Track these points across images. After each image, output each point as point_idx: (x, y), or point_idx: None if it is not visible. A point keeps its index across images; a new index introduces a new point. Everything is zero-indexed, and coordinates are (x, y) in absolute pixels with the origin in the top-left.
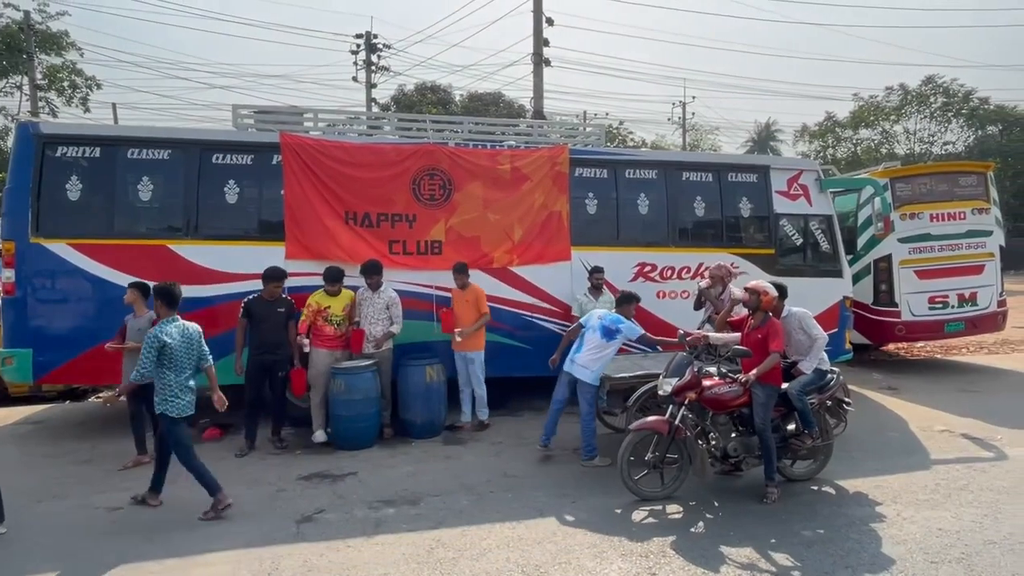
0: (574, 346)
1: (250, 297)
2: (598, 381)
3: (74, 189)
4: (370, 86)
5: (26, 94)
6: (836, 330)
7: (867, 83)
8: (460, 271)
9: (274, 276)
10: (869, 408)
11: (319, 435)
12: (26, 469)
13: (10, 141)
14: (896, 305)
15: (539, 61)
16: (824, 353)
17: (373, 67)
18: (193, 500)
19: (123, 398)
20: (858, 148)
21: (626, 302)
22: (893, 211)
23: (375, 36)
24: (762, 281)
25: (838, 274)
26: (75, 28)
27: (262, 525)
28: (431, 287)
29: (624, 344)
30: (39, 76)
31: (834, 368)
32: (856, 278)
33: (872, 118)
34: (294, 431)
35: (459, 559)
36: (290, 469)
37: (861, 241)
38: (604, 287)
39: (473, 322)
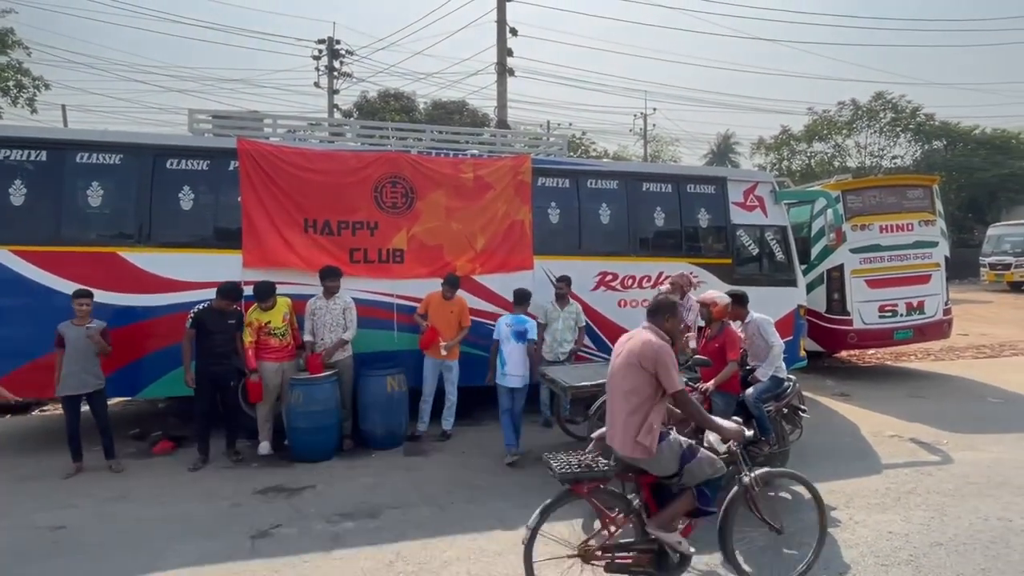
0: (500, 361)
1: (200, 307)
2: (521, 384)
3: (18, 193)
4: (332, 92)
5: None
6: (791, 338)
7: (821, 98)
8: (450, 283)
9: (228, 294)
10: (823, 414)
11: (264, 447)
12: None
13: None
14: (848, 313)
15: (503, 71)
16: (781, 361)
17: (336, 73)
18: (146, 515)
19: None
20: (812, 161)
21: (522, 301)
22: (845, 222)
23: (338, 42)
24: (712, 292)
25: (793, 283)
26: (23, 27)
27: (216, 541)
28: (392, 296)
29: (586, 352)
30: None
31: (790, 376)
32: (810, 287)
33: (825, 132)
34: (250, 443)
35: (419, 572)
36: (246, 483)
37: (815, 251)
38: (569, 297)
39: (455, 334)
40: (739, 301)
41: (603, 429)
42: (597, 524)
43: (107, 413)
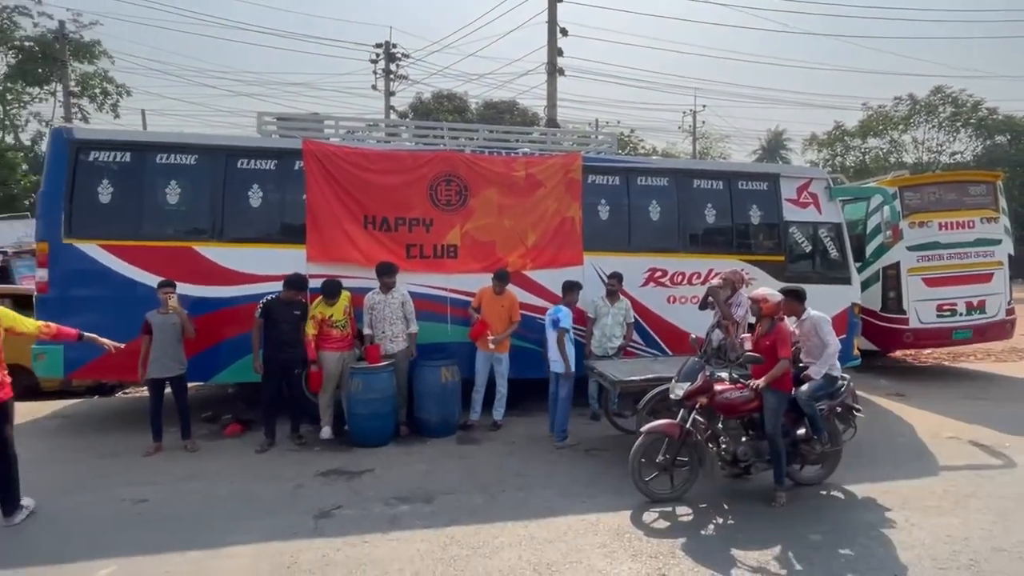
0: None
1: (268, 298)
2: (561, 368)
3: (105, 192)
4: (388, 94)
5: (60, 101)
6: (845, 336)
7: (876, 93)
8: (500, 278)
9: (295, 285)
10: (877, 414)
11: (325, 431)
12: (55, 462)
13: (43, 145)
14: (904, 312)
15: (553, 70)
16: (836, 359)
17: (392, 76)
18: (218, 492)
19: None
20: (866, 157)
21: (567, 291)
22: (902, 219)
23: (394, 45)
24: (763, 289)
25: (847, 281)
26: (107, 37)
27: (281, 519)
28: (446, 290)
29: (635, 348)
30: (72, 83)
31: (844, 374)
32: (864, 285)
33: (881, 127)
34: (312, 428)
35: (472, 556)
36: (309, 465)
37: (870, 249)
38: (619, 293)
39: (505, 327)
40: (796, 297)
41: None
42: None
43: (187, 397)
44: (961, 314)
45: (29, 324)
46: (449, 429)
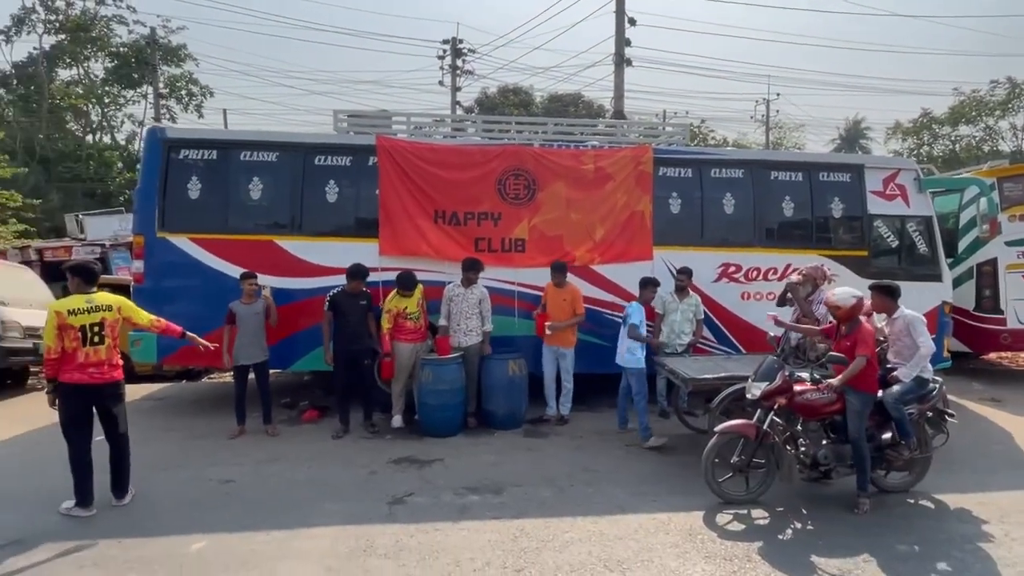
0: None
1: (334, 291)
2: (640, 364)
3: (194, 188)
4: (455, 89)
5: (151, 102)
6: (934, 337)
7: (969, 76)
8: (558, 269)
9: (357, 274)
10: (970, 420)
11: (397, 420)
12: (148, 441)
13: (136, 144)
14: (1001, 312)
15: (620, 61)
16: (927, 362)
17: (458, 71)
18: (297, 476)
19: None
20: (957, 146)
21: (642, 287)
22: (1000, 212)
23: (461, 41)
24: (837, 292)
25: (937, 278)
26: (191, 40)
27: (357, 504)
28: (514, 283)
29: (707, 345)
30: (161, 85)
31: (936, 377)
32: (956, 282)
33: (974, 114)
34: (384, 416)
35: (542, 549)
36: (381, 453)
37: (963, 244)
38: (689, 289)
39: (567, 319)
40: (888, 293)
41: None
42: None
43: (269, 383)
44: None
45: (143, 316)
46: (516, 422)
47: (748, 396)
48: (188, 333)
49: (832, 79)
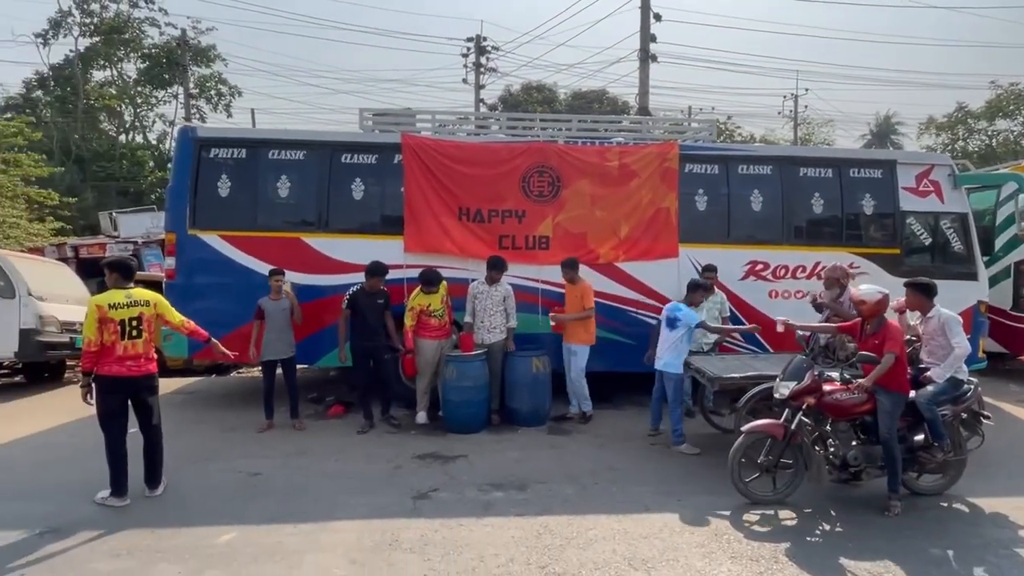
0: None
1: (352, 289)
2: (680, 369)
3: (224, 187)
4: (478, 87)
5: (181, 102)
6: (969, 336)
7: (1007, 69)
8: (568, 266)
9: (377, 272)
10: (1006, 422)
11: (421, 416)
12: (180, 434)
13: (167, 144)
14: None
15: (645, 57)
16: (962, 363)
17: (482, 69)
18: (323, 469)
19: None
20: (993, 141)
21: (691, 290)
22: None
23: (485, 39)
24: (862, 288)
25: (972, 277)
26: (220, 41)
27: (382, 498)
28: (538, 281)
29: (733, 344)
30: (191, 86)
31: (972, 378)
32: (992, 281)
33: (1012, 107)
34: (407, 412)
35: (566, 547)
36: (405, 448)
37: (1000, 241)
38: (714, 286)
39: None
40: (924, 291)
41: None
42: None
43: (296, 378)
44: None
45: (176, 316)
46: (539, 419)
47: (776, 395)
48: (213, 340)
49: (862, 73)
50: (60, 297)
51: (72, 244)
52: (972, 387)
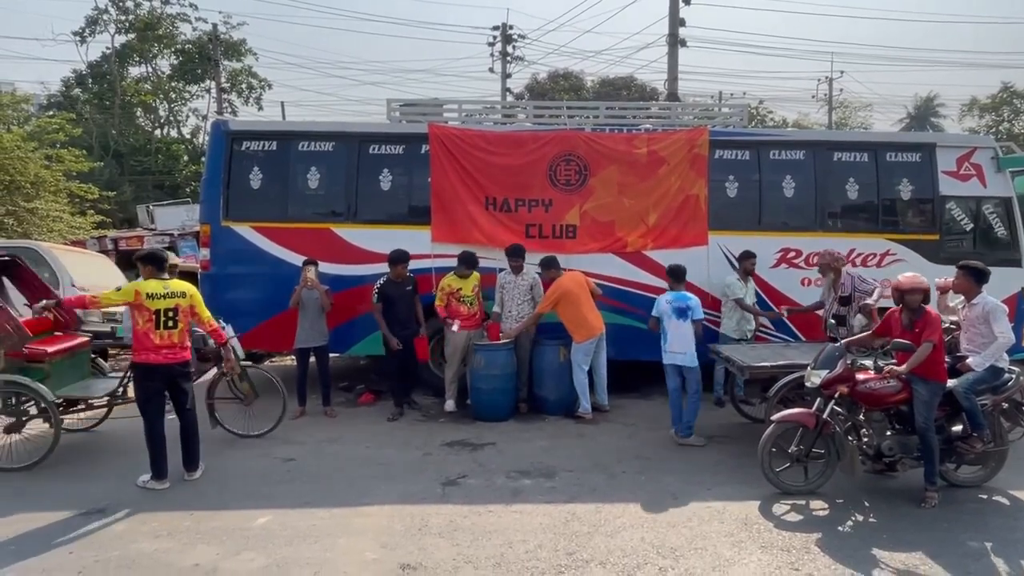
0: (662, 338)
1: (381, 280)
2: (696, 360)
3: (256, 179)
4: (505, 76)
5: (213, 96)
6: (1012, 325)
7: None
8: (545, 265)
9: (400, 259)
10: None
11: (449, 404)
12: None
13: (200, 138)
14: None
15: (674, 42)
16: (1004, 352)
17: (508, 58)
18: (355, 456)
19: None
20: None
21: (680, 278)
22: None
23: (511, 27)
24: (902, 276)
25: (1017, 263)
26: (250, 35)
27: (412, 485)
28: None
29: (763, 333)
30: (223, 80)
31: (1013, 367)
32: None
33: None
34: (437, 401)
35: (594, 534)
36: (434, 435)
37: None
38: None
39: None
40: (974, 275)
41: None
42: None
43: (328, 366)
44: None
45: (205, 313)
46: (567, 407)
47: (807, 384)
48: (228, 346)
49: (901, 54)
50: (102, 288)
51: (112, 237)
52: (1014, 376)
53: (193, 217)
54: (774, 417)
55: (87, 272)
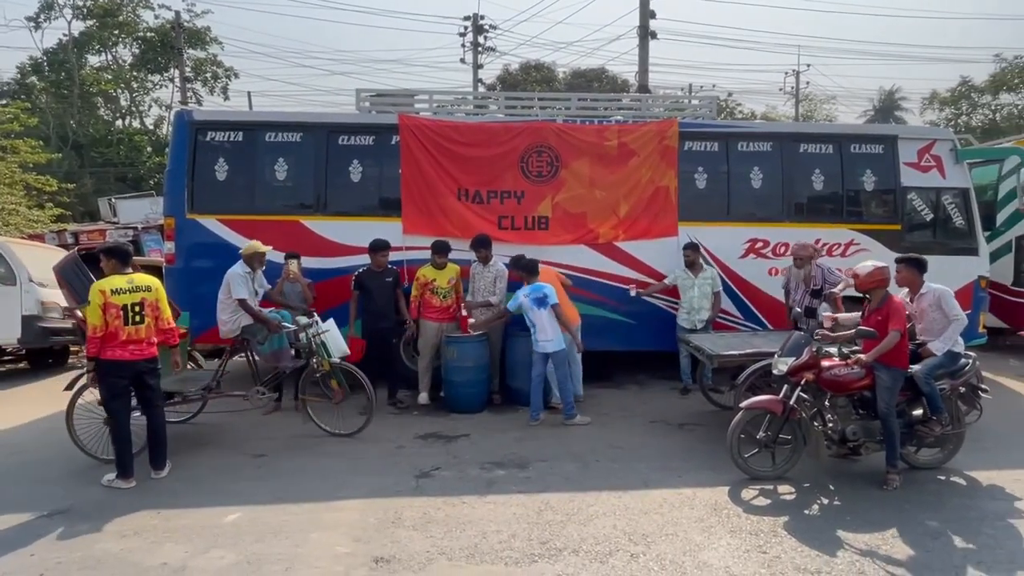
0: (531, 330)
1: (360, 270)
2: (562, 343)
3: (221, 170)
4: (476, 67)
5: (177, 86)
6: (970, 312)
7: (1012, 42)
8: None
9: (380, 247)
10: (1005, 397)
11: (423, 397)
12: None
13: (164, 128)
14: None
15: (645, 34)
16: (959, 335)
17: (480, 48)
18: (327, 450)
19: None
20: (997, 115)
21: (533, 271)
22: None
23: (482, 17)
24: (864, 264)
25: (973, 252)
26: (215, 23)
27: (385, 478)
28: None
29: (731, 321)
30: (187, 69)
31: (969, 352)
32: (993, 256)
33: (1016, 81)
34: (410, 393)
35: (567, 523)
36: (408, 428)
37: (1001, 216)
38: (702, 263)
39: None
40: (915, 266)
41: None
42: None
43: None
44: None
45: (166, 311)
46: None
47: (775, 372)
48: (178, 347)
49: (865, 48)
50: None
51: (72, 231)
52: (970, 361)
53: (157, 210)
54: (742, 404)
55: (46, 267)
